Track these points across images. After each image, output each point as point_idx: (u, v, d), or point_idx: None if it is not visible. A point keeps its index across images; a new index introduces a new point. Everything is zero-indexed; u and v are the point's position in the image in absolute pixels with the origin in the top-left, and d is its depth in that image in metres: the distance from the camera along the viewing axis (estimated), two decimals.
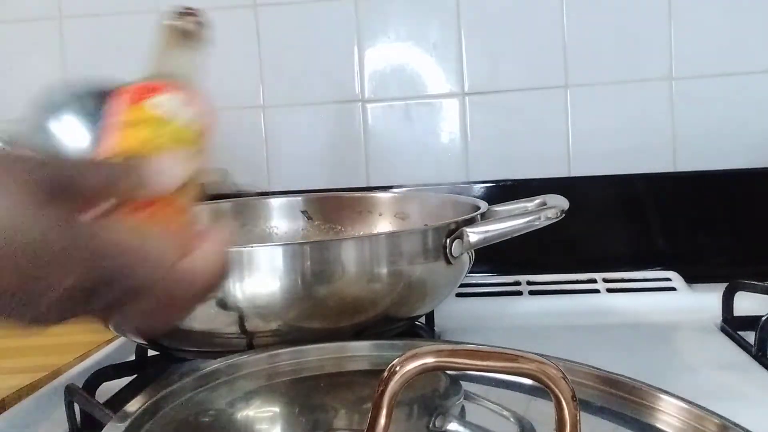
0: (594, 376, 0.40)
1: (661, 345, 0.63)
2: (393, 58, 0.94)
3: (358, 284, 0.48)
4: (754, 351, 0.58)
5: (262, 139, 0.97)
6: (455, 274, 0.55)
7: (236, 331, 0.48)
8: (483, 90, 0.93)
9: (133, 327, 0.40)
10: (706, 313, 0.69)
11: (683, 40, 0.89)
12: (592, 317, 0.72)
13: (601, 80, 0.91)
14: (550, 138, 0.92)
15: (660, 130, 0.90)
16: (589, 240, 0.87)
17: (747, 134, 0.88)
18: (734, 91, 0.88)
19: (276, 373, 0.44)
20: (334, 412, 0.41)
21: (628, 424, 0.37)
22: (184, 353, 0.53)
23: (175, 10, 0.39)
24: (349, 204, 0.74)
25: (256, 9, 0.95)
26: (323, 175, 0.95)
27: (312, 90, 0.95)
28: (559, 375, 0.26)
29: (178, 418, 0.37)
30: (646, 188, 0.87)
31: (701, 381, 0.54)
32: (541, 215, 0.52)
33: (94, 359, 0.67)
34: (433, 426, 0.39)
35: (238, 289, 0.46)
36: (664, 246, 0.87)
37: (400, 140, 0.95)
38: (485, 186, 0.89)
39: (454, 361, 0.27)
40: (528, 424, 0.38)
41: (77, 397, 0.49)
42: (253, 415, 0.41)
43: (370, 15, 0.94)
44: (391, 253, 0.49)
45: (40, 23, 0.98)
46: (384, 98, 0.95)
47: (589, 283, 0.81)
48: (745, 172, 0.86)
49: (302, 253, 0.47)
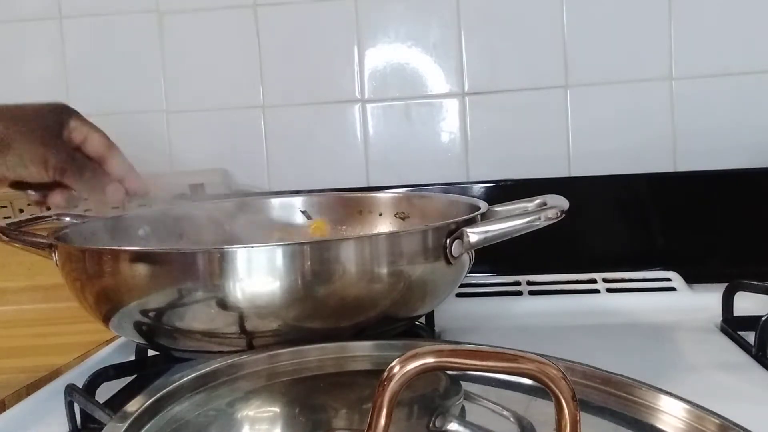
0: (594, 376, 0.40)
1: (661, 345, 0.63)
2: (393, 58, 0.94)
3: (358, 284, 0.48)
4: (754, 351, 0.58)
5: (262, 139, 0.97)
6: (455, 274, 0.55)
7: (236, 331, 0.48)
8: (483, 90, 0.93)
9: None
10: (706, 313, 0.69)
11: (683, 40, 0.89)
12: (592, 317, 0.72)
13: (601, 80, 0.91)
14: (550, 138, 0.92)
15: (660, 130, 0.90)
16: (589, 240, 0.88)
17: (747, 134, 0.88)
18: (734, 91, 0.88)
19: (276, 373, 0.44)
20: (334, 412, 0.41)
21: (628, 424, 0.36)
22: (184, 353, 0.53)
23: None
24: (349, 204, 0.74)
25: (256, 9, 0.95)
26: (323, 175, 0.95)
27: (312, 90, 0.95)
28: (559, 375, 0.26)
29: (178, 418, 0.37)
30: (646, 188, 0.87)
31: (701, 381, 0.54)
32: (541, 215, 0.52)
33: (94, 359, 0.67)
34: (433, 426, 0.39)
35: (238, 289, 0.46)
36: (664, 246, 0.87)
37: (400, 140, 0.95)
38: (485, 186, 0.89)
39: (454, 361, 0.27)
40: (528, 424, 0.38)
41: (77, 397, 0.49)
42: (253, 415, 0.41)
43: (370, 15, 0.94)
44: (391, 253, 0.49)
45: (40, 23, 0.98)
46: (384, 98, 0.95)
47: (589, 283, 0.81)
48: (745, 172, 0.86)
49: (302, 253, 0.47)
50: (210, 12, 0.96)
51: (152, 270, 0.48)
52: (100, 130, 0.59)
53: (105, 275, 0.49)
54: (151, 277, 0.48)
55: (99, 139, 0.58)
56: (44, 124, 0.55)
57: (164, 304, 0.48)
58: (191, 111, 0.97)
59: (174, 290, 0.47)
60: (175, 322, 0.49)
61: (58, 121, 0.56)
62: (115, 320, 0.52)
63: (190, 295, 0.47)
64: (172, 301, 0.48)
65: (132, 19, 0.97)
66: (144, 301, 0.49)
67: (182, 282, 0.47)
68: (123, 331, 0.54)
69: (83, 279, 0.52)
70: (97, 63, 0.97)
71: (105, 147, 0.58)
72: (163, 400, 0.37)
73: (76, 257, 0.52)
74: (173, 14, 0.97)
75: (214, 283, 0.46)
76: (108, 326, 0.54)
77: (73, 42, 0.98)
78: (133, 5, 0.97)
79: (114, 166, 0.59)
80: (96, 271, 0.50)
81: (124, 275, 0.49)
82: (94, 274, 0.50)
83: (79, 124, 0.57)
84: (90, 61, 0.97)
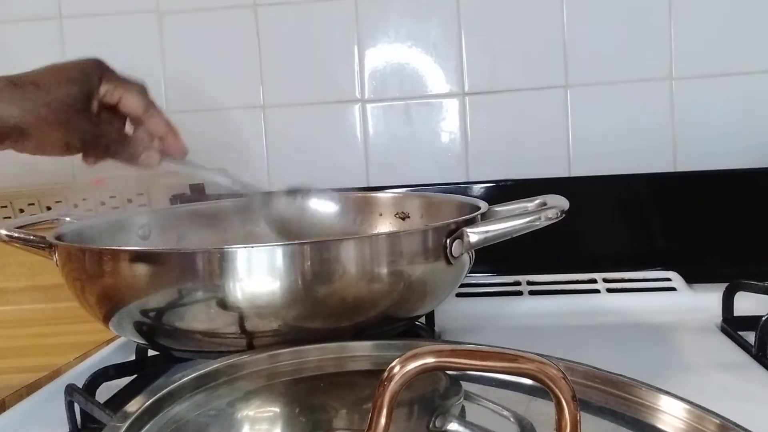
0: (594, 376, 0.40)
1: (661, 345, 0.63)
2: (393, 58, 0.94)
3: (358, 284, 0.48)
4: (754, 351, 0.58)
5: (262, 139, 0.97)
6: (455, 274, 0.55)
7: (236, 331, 0.48)
8: (483, 90, 0.93)
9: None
10: (706, 313, 0.69)
11: (683, 40, 0.89)
12: (592, 317, 0.72)
13: (601, 80, 0.91)
14: (550, 138, 0.92)
15: (660, 130, 0.90)
16: (589, 240, 0.87)
17: (747, 134, 0.88)
18: (734, 91, 0.88)
19: (276, 373, 0.44)
20: (334, 412, 0.41)
21: (628, 424, 0.36)
22: (184, 353, 0.53)
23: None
24: (349, 204, 0.74)
25: (256, 9, 0.95)
26: (323, 175, 0.95)
27: (312, 90, 0.95)
28: (559, 375, 0.26)
29: (178, 418, 0.37)
30: (646, 188, 0.87)
31: (701, 381, 0.54)
32: (541, 215, 0.52)
33: (94, 359, 0.67)
34: (433, 426, 0.39)
35: (238, 289, 0.46)
36: (664, 246, 0.87)
37: (400, 140, 0.95)
38: (485, 186, 0.89)
39: (454, 361, 0.27)
40: (528, 424, 0.38)
41: (77, 397, 0.49)
42: (253, 415, 0.41)
43: (370, 15, 0.94)
44: (391, 253, 0.49)
45: (40, 23, 0.98)
46: (384, 98, 0.95)
47: (589, 283, 0.81)
48: (745, 172, 0.86)
49: (302, 253, 0.47)
50: (210, 12, 0.96)
51: (152, 270, 0.48)
52: (136, 87, 0.55)
53: (105, 275, 0.49)
54: (151, 277, 0.48)
55: (134, 100, 0.54)
56: (66, 101, 0.50)
57: (164, 304, 0.48)
58: (191, 111, 0.96)
59: (174, 290, 0.47)
60: (175, 322, 0.49)
61: (84, 91, 0.51)
62: (115, 320, 0.52)
63: (190, 295, 0.47)
64: (172, 301, 0.48)
65: (132, 19, 0.97)
66: (144, 301, 0.49)
67: (182, 282, 0.47)
68: (123, 331, 0.54)
69: (83, 279, 0.52)
70: None
71: (141, 107, 0.54)
72: (163, 400, 0.37)
73: (76, 257, 0.52)
74: (173, 14, 0.97)
75: (214, 283, 0.46)
76: (108, 326, 0.54)
77: (73, 42, 0.98)
78: (133, 5, 0.97)
79: (151, 126, 0.55)
80: (96, 271, 0.50)
81: (124, 275, 0.49)
82: (94, 274, 0.50)
83: (111, 87, 0.53)
84: None
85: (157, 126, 0.56)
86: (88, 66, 0.53)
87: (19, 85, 0.49)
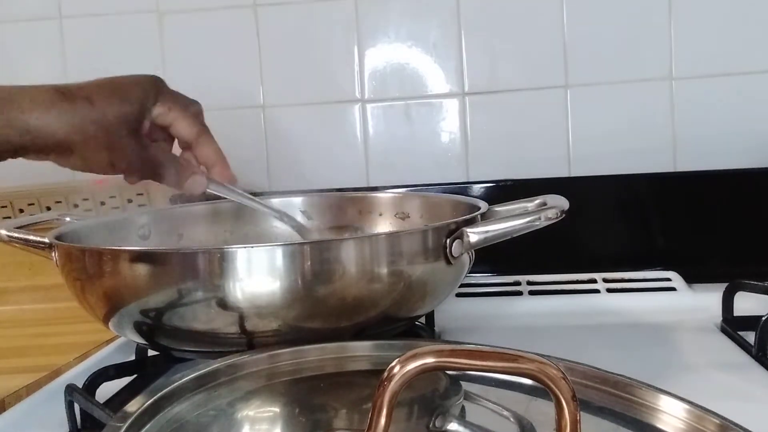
0: (594, 376, 0.40)
1: (661, 345, 0.63)
2: (393, 58, 0.94)
3: (358, 284, 0.48)
4: (754, 351, 0.58)
5: (262, 139, 0.97)
6: (455, 274, 0.55)
7: (236, 331, 0.48)
8: (483, 90, 0.93)
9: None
10: (706, 313, 0.69)
11: (683, 40, 0.89)
12: (592, 317, 0.72)
13: (601, 80, 0.91)
14: (550, 138, 0.92)
15: (660, 130, 0.90)
16: (589, 240, 0.87)
17: (747, 134, 0.88)
18: (734, 91, 0.88)
19: (276, 373, 0.44)
20: (334, 412, 0.41)
21: (628, 424, 0.36)
22: (184, 353, 0.53)
23: None
24: (349, 204, 0.74)
25: (256, 9, 0.95)
26: (323, 175, 0.95)
27: (312, 90, 0.95)
28: (559, 375, 0.26)
29: (178, 418, 0.37)
30: (646, 188, 0.87)
31: (701, 381, 0.54)
32: (541, 215, 0.52)
33: (94, 359, 0.67)
34: (433, 426, 0.39)
35: (238, 289, 0.46)
36: (664, 246, 0.87)
37: (400, 140, 0.95)
38: (485, 186, 0.89)
39: (454, 361, 0.27)
40: (528, 424, 0.38)
41: (77, 397, 0.49)
42: (253, 415, 0.41)
43: (370, 15, 0.94)
44: (391, 253, 0.49)
45: (40, 23, 0.98)
46: (384, 98, 0.95)
47: (589, 283, 0.81)
48: (745, 172, 0.86)
49: (302, 253, 0.47)
50: (210, 12, 0.96)
51: (152, 270, 0.48)
52: (191, 111, 0.53)
53: (105, 275, 0.49)
54: (151, 277, 0.48)
55: (186, 125, 0.52)
56: (118, 122, 0.48)
57: (164, 304, 0.48)
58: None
59: (174, 290, 0.47)
60: (175, 322, 0.49)
61: (138, 111, 0.49)
62: (115, 320, 0.52)
63: (190, 295, 0.47)
64: (172, 301, 0.48)
65: (132, 19, 0.97)
66: (144, 301, 0.49)
67: (182, 282, 0.47)
68: (123, 331, 0.54)
69: (83, 279, 0.52)
70: (97, 63, 0.97)
71: (193, 134, 0.53)
72: (163, 400, 0.37)
73: (76, 257, 0.52)
74: (173, 14, 0.97)
75: (214, 283, 0.46)
76: (108, 326, 0.54)
77: (73, 42, 0.98)
78: (133, 5, 0.97)
79: (201, 153, 0.54)
80: (96, 271, 0.50)
81: (124, 275, 0.49)
82: (94, 274, 0.50)
83: (165, 109, 0.51)
84: (90, 61, 0.97)
85: (208, 154, 0.54)
86: (146, 84, 0.51)
87: (70, 98, 0.46)
